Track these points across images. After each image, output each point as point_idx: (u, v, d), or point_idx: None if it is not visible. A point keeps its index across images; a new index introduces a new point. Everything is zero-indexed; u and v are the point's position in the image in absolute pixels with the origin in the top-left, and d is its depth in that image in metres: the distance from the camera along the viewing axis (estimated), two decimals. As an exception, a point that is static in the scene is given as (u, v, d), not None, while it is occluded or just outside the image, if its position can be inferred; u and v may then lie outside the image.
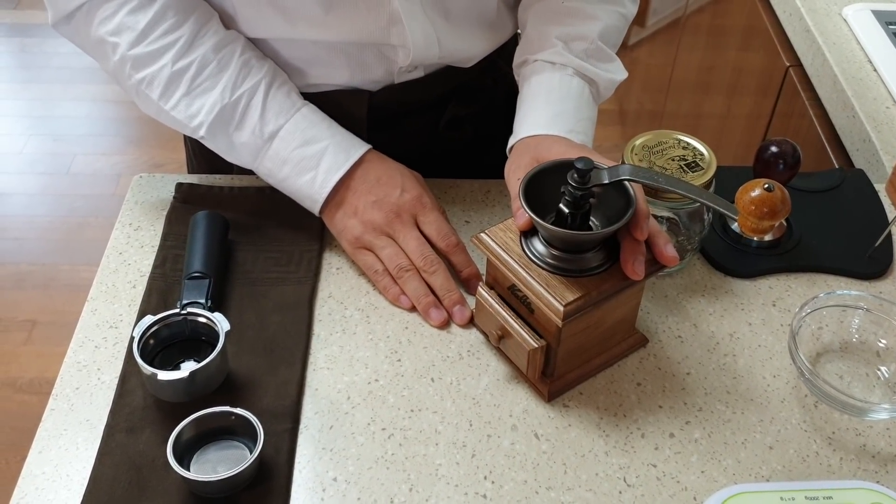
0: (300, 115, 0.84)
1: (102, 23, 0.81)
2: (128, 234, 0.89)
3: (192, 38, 0.82)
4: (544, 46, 0.87)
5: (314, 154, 0.83)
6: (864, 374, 0.79)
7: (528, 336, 0.73)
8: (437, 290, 0.81)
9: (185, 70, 0.82)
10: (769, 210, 0.82)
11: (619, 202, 0.71)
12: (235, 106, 0.83)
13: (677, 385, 0.77)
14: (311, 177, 0.83)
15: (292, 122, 0.84)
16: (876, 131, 1.07)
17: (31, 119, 2.70)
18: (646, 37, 2.27)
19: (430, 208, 0.83)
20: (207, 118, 0.82)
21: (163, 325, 0.75)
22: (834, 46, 1.22)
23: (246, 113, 0.83)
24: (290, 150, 0.83)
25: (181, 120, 0.83)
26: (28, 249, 2.27)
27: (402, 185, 0.83)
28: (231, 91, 0.82)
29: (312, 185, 0.83)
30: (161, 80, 0.82)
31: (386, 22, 0.86)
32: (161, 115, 0.84)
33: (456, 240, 0.83)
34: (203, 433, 0.70)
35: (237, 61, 0.83)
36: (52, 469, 0.70)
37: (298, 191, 0.84)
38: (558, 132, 0.81)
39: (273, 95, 0.84)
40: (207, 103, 0.82)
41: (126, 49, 0.81)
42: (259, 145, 0.83)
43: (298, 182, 0.84)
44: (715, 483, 0.70)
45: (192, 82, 0.82)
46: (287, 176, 0.84)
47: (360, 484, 0.69)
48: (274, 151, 0.83)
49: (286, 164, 0.83)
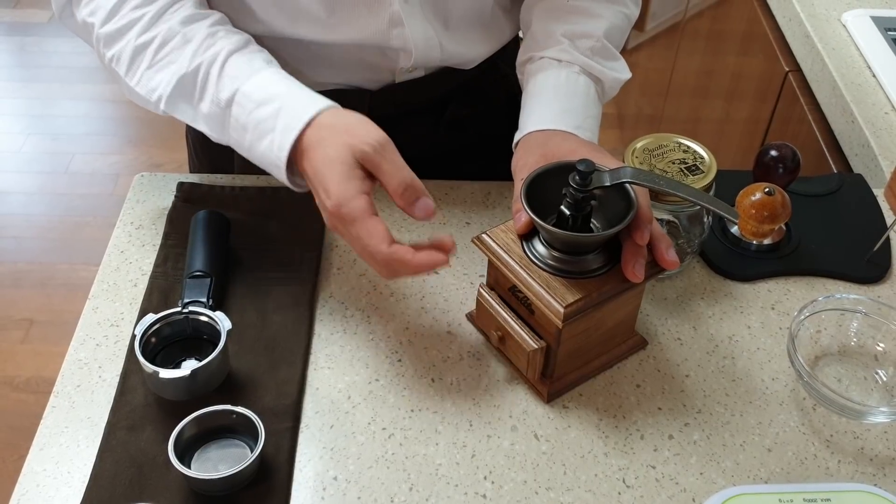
0: (257, 78, 0.77)
1: (86, 4, 0.80)
2: (129, 232, 0.89)
3: (161, 12, 0.79)
4: (550, 44, 0.87)
5: (270, 115, 0.75)
6: (862, 377, 0.80)
7: (527, 337, 0.73)
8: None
9: (149, 44, 0.78)
10: (770, 214, 0.83)
11: (621, 205, 0.71)
12: (194, 75, 0.77)
13: (676, 387, 0.78)
14: (270, 140, 0.75)
15: (248, 85, 0.76)
16: (875, 137, 1.08)
17: (29, 118, 2.70)
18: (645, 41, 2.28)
19: (349, 222, 0.70)
20: (166, 90, 0.78)
21: (164, 323, 0.75)
22: (833, 52, 1.23)
23: (206, 81, 0.77)
24: (247, 114, 0.76)
25: (143, 95, 0.79)
26: (26, 248, 2.27)
27: (326, 188, 0.71)
28: (191, 60, 0.77)
29: (271, 149, 0.75)
30: (126, 54, 0.79)
31: (387, 24, 0.87)
32: (131, 94, 0.80)
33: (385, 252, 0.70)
34: (204, 431, 0.70)
35: (203, 32, 0.78)
36: (52, 466, 0.70)
37: (263, 158, 0.77)
38: (566, 128, 0.81)
39: (233, 62, 0.78)
40: (168, 75, 0.78)
41: (98, 27, 0.79)
42: (219, 115, 0.77)
43: (260, 148, 0.76)
44: (714, 485, 0.71)
45: (155, 55, 0.78)
46: (250, 143, 0.76)
47: (360, 483, 0.70)
48: (234, 118, 0.77)
49: (246, 130, 0.76)
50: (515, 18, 0.97)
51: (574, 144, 0.78)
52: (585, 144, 0.79)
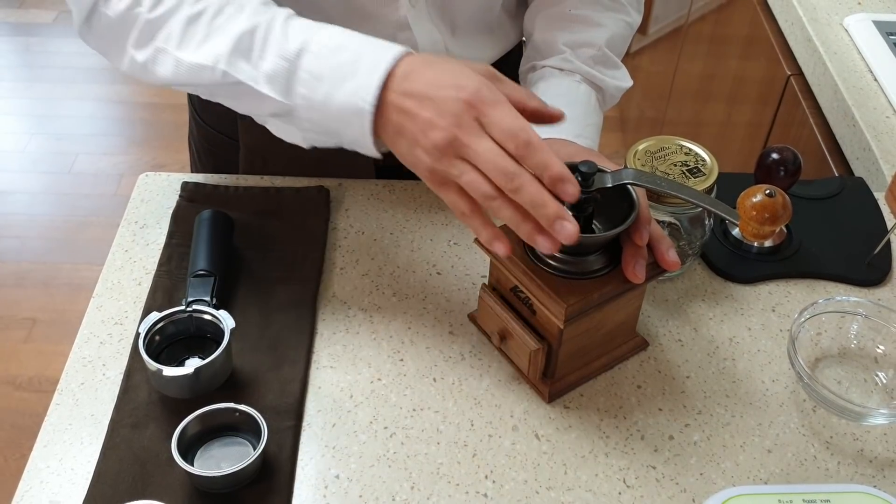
0: (327, 30, 0.73)
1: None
2: (133, 231, 0.90)
3: None
4: (552, 53, 0.88)
5: (350, 59, 0.70)
6: (862, 379, 0.80)
7: (528, 337, 0.73)
8: (528, 209, 0.65)
9: (202, 13, 0.74)
10: (770, 216, 0.83)
11: (622, 206, 0.72)
12: (254, 31, 0.73)
13: (677, 388, 0.78)
14: (354, 83, 0.69)
15: (319, 34, 0.72)
16: (876, 140, 1.08)
17: (34, 118, 2.71)
18: (647, 44, 2.28)
19: (489, 104, 0.65)
20: (225, 49, 0.73)
21: (168, 321, 0.76)
22: (835, 56, 1.23)
23: (267, 37, 0.72)
24: (322, 62, 0.70)
25: (199, 62, 0.74)
26: (29, 248, 2.27)
27: (456, 83, 0.65)
28: (249, 19, 0.73)
29: (356, 91, 0.69)
30: (178, 27, 0.74)
31: (394, 28, 0.87)
32: (179, 68, 0.75)
33: (525, 138, 0.64)
34: (207, 429, 0.70)
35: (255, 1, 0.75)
36: (56, 463, 0.71)
37: (342, 107, 0.70)
38: (565, 136, 0.82)
39: (294, 20, 0.74)
40: (226, 37, 0.73)
41: (147, 12, 0.75)
42: (287, 69, 0.71)
43: (340, 95, 0.69)
44: (713, 485, 0.71)
45: (211, 24, 0.74)
46: (326, 94, 0.70)
47: (362, 481, 0.70)
48: (305, 70, 0.71)
49: (322, 81, 0.70)
50: (520, 24, 0.98)
51: (573, 150, 0.79)
52: (584, 151, 0.79)
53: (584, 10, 0.90)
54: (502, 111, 0.64)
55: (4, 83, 2.83)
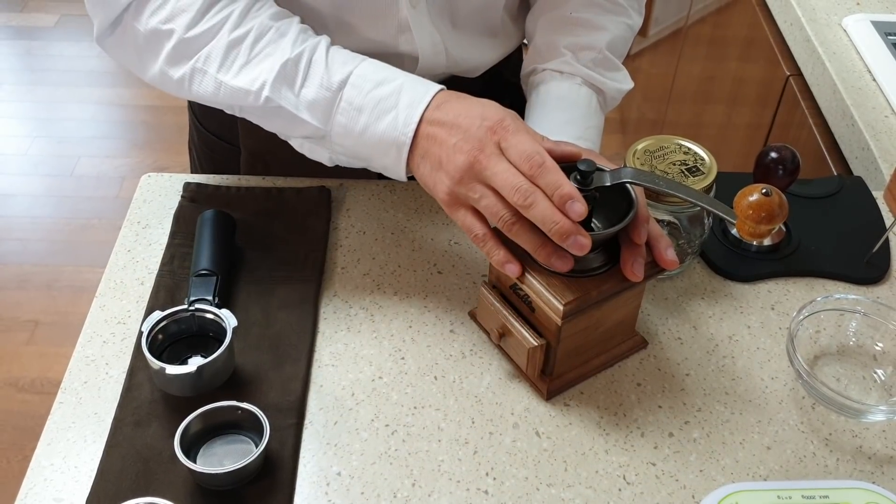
0: (366, 63, 0.77)
1: (154, 13, 0.77)
2: (136, 231, 0.91)
3: (247, 9, 0.78)
4: (553, 56, 0.88)
5: (391, 92, 0.75)
6: (861, 376, 0.80)
7: (528, 334, 0.74)
8: (541, 226, 0.68)
9: (243, 38, 0.77)
10: (767, 214, 0.83)
11: (621, 204, 0.72)
12: (298, 60, 0.76)
13: (677, 386, 0.78)
14: (393, 117, 0.74)
15: (361, 68, 0.76)
16: (875, 140, 1.09)
17: (36, 121, 2.71)
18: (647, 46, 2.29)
19: (512, 131, 0.70)
20: (270, 76, 0.76)
21: (171, 320, 0.76)
22: (834, 56, 1.24)
23: (310, 67, 0.76)
24: (365, 95, 0.75)
25: (242, 87, 0.77)
26: (31, 250, 2.28)
27: (482, 114, 0.71)
28: (292, 48, 0.76)
29: (395, 125, 0.74)
30: (219, 50, 0.77)
31: (395, 30, 0.88)
32: (220, 91, 0.78)
33: (539, 160, 0.68)
34: (210, 427, 0.71)
35: (296, 27, 0.78)
36: (60, 461, 0.71)
37: (380, 140, 0.75)
38: (567, 138, 0.82)
39: (335, 51, 0.78)
40: (269, 64, 0.76)
41: (183, 32, 0.77)
42: (329, 98, 0.76)
43: (380, 127, 0.74)
44: (713, 482, 0.71)
45: (252, 49, 0.77)
46: (366, 125, 0.75)
47: (363, 479, 0.71)
48: (347, 101, 0.75)
49: (362, 113, 0.75)
50: (522, 26, 0.98)
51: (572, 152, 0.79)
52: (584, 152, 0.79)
53: (585, 13, 0.90)
54: (521, 137, 0.69)
55: (6, 86, 2.84)
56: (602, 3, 0.91)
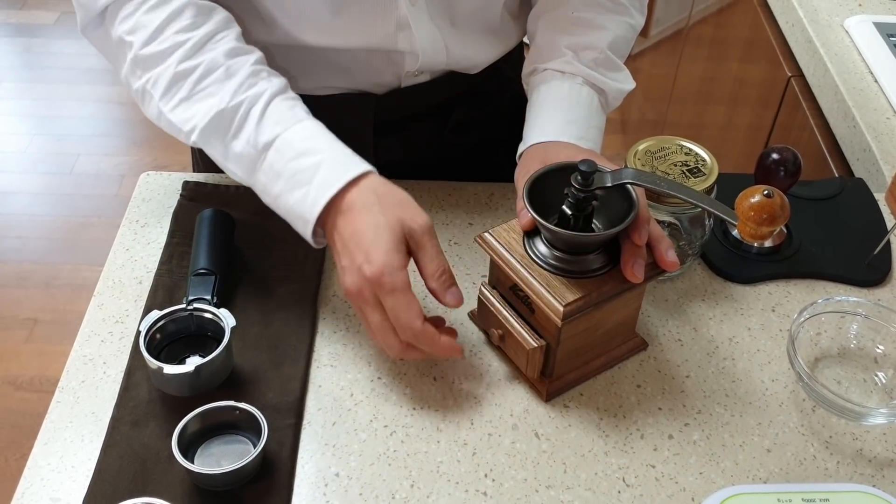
0: (300, 126, 0.76)
1: (122, 21, 0.78)
2: (135, 230, 0.90)
3: (204, 40, 0.78)
4: (554, 56, 0.88)
5: (309, 167, 0.74)
6: (862, 379, 0.80)
7: (527, 335, 0.74)
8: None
9: (191, 72, 0.77)
10: (768, 216, 0.83)
11: (622, 205, 0.72)
12: (234, 112, 0.76)
13: (677, 387, 0.78)
14: (304, 193, 0.74)
15: (290, 132, 0.75)
16: (876, 141, 1.08)
17: (35, 119, 2.71)
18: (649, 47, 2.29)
19: (387, 290, 0.70)
20: (201, 122, 0.76)
21: (169, 319, 0.76)
22: (836, 57, 1.24)
23: (244, 120, 0.76)
24: (285, 163, 0.75)
25: (176, 123, 0.77)
26: (30, 248, 2.28)
27: (367, 253, 0.70)
28: (232, 97, 0.76)
29: (304, 201, 0.74)
30: (164, 79, 0.77)
31: (394, 28, 0.87)
32: (160, 119, 0.79)
33: (411, 333, 0.71)
34: (207, 427, 0.71)
35: (247, 69, 0.77)
36: (57, 460, 0.71)
37: (291, 209, 0.75)
38: (568, 139, 0.82)
39: (275, 106, 0.77)
40: (205, 107, 0.76)
41: (139, 48, 0.77)
42: (254, 157, 0.76)
43: (291, 199, 0.75)
44: (713, 484, 0.71)
45: (196, 85, 0.77)
46: (280, 192, 0.75)
47: (361, 480, 0.70)
48: (268, 164, 0.75)
49: (280, 178, 0.75)
50: (523, 24, 0.98)
51: (573, 152, 0.79)
52: (584, 152, 0.79)
53: (586, 12, 0.90)
54: (395, 301, 0.70)
55: (6, 84, 2.83)
56: (603, 2, 0.91)
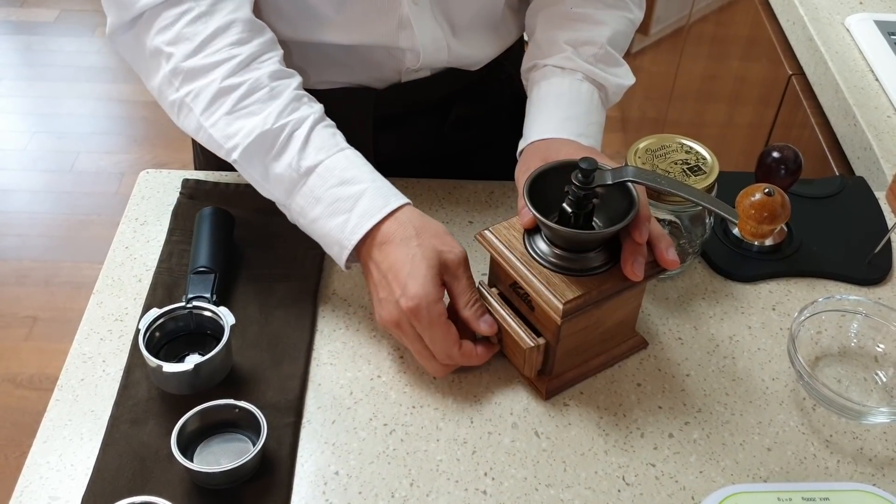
0: (342, 155, 0.77)
1: (161, 32, 0.77)
2: (134, 228, 0.90)
3: (250, 59, 0.77)
4: (553, 52, 0.88)
5: (351, 195, 0.75)
6: (862, 378, 0.80)
7: (524, 335, 0.73)
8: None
9: (234, 88, 0.76)
10: (769, 214, 0.83)
11: (622, 203, 0.72)
12: (278, 134, 0.76)
13: (677, 386, 0.78)
14: (344, 220, 0.75)
15: (333, 160, 0.76)
16: (877, 140, 1.08)
17: (35, 116, 2.71)
18: (649, 45, 2.28)
19: (424, 324, 0.72)
20: (244, 141, 0.76)
21: (169, 317, 0.76)
22: (836, 55, 1.23)
23: (287, 143, 0.76)
24: (326, 189, 0.75)
25: (217, 139, 0.77)
26: (30, 246, 2.27)
27: (404, 285, 0.72)
28: (276, 119, 0.76)
29: (343, 229, 0.75)
30: (208, 93, 0.76)
31: (395, 26, 0.87)
32: (199, 132, 0.78)
33: (449, 361, 0.74)
34: (207, 425, 0.70)
35: (290, 93, 0.78)
36: (56, 458, 0.71)
37: (327, 234, 0.76)
38: (568, 136, 0.82)
39: (319, 133, 0.77)
40: (248, 126, 0.76)
41: (180, 60, 0.76)
42: (294, 179, 0.76)
43: (329, 224, 0.76)
44: (713, 483, 0.71)
45: (239, 102, 0.76)
46: (318, 216, 0.76)
47: (361, 478, 0.70)
48: (309, 188, 0.76)
49: (319, 203, 0.76)
50: (522, 19, 0.98)
51: (573, 149, 0.78)
52: (585, 150, 0.79)
53: (585, 7, 0.90)
54: (433, 334, 0.72)
55: (6, 82, 2.83)
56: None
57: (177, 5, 0.77)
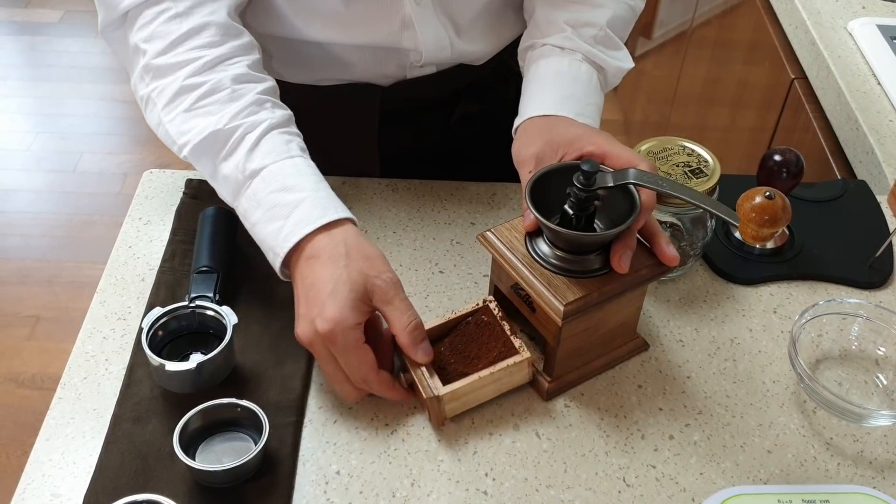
0: (290, 162, 0.76)
1: (140, 29, 0.78)
2: (137, 228, 0.90)
3: (217, 61, 0.78)
4: (553, 31, 0.87)
5: (289, 202, 0.74)
6: (863, 381, 0.80)
7: (428, 383, 0.72)
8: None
9: (195, 87, 0.77)
10: (770, 218, 0.83)
11: (624, 206, 0.72)
12: (230, 135, 0.76)
13: (678, 388, 0.78)
14: (279, 226, 0.74)
15: (279, 165, 0.75)
16: (879, 144, 1.08)
17: (39, 117, 2.71)
18: (652, 48, 2.29)
19: (339, 349, 0.70)
20: (195, 138, 0.76)
21: (171, 317, 0.76)
22: (839, 60, 1.24)
23: (238, 145, 0.76)
24: (267, 193, 0.74)
25: (172, 134, 0.78)
26: (33, 246, 2.28)
27: (323, 306, 0.69)
28: (230, 120, 0.76)
29: (277, 235, 0.74)
30: (170, 90, 0.77)
31: (398, 27, 0.87)
32: (159, 128, 0.79)
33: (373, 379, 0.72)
34: (209, 424, 0.71)
35: (251, 97, 0.77)
36: (58, 456, 0.71)
37: (264, 240, 0.75)
38: (566, 114, 0.81)
39: (271, 138, 0.76)
40: (202, 125, 0.76)
41: (151, 57, 0.77)
42: (240, 181, 0.76)
43: (266, 230, 0.75)
44: (713, 485, 0.71)
45: (198, 101, 0.77)
46: (257, 221, 0.75)
47: (362, 478, 0.70)
48: (252, 191, 0.75)
49: (259, 207, 0.75)
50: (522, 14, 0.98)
51: (580, 130, 0.78)
52: (592, 129, 0.78)
53: None
54: (347, 358, 0.71)
55: (10, 82, 2.84)
56: None
57: (156, 4, 0.78)
